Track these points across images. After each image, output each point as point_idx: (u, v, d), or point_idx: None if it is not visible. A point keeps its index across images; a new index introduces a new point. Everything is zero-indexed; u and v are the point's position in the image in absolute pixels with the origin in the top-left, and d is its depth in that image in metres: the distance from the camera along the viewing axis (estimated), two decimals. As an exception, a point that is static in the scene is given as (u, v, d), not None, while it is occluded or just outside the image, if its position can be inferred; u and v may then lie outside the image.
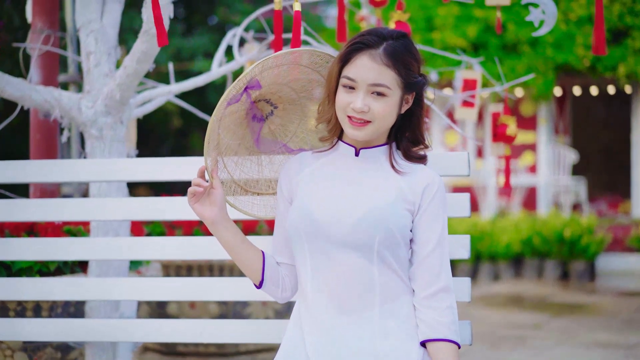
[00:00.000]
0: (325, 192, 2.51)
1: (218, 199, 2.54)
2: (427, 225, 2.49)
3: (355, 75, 2.45)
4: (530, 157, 14.02)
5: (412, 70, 2.49)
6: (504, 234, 11.61)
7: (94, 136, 3.62)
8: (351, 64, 2.46)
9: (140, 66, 3.46)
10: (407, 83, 2.47)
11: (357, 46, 2.46)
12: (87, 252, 3.24)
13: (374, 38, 2.46)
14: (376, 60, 2.43)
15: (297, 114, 2.79)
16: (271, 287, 2.62)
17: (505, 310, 8.75)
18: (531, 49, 12.69)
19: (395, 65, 2.44)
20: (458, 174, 2.91)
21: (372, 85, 2.43)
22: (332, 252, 2.44)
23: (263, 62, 2.47)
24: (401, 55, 2.45)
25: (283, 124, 2.79)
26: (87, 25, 3.72)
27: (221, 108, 2.48)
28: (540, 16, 3.25)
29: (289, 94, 2.72)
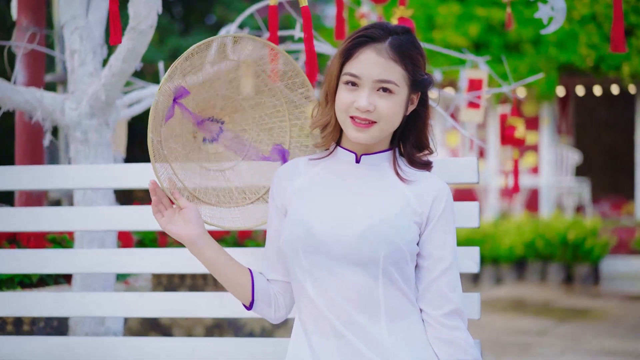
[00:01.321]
0: (324, 202, 2.30)
1: (191, 216, 2.32)
2: (438, 240, 2.29)
3: (359, 71, 2.25)
4: (532, 158, 13.90)
5: (419, 66, 2.29)
6: (506, 237, 11.49)
7: (78, 140, 3.42)
8: (354, 59, 2.26)
9: (127, 65, 3.27)
10: (413, 81, 2.28)
11: (361, 40, 2.26)
12: (71, 265, 3.03)
13: (379, 31, 2.26)
14: (382, 54, 2.24)
15: (247, 120, 2.59)
16: (263, 307, 2.41)
17: (509, 315, 8.59)
18: (534, 49, 12.57)
19: (403, 61, 2.25)
20: (466, 182, 2.71)
21: (378, 81, 2.24)
22: (334, 268, 2.24)
23: (176, 67, 2.28)
24: (408, 50, 2.26)
25: (237, 137, 2.59)
26: (71, 22, 3.53)
27: (157, 125, 2.28)
28: (550, 13, 3.14)
29: (227, 102, 2.53)
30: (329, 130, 2.36)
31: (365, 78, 2.24)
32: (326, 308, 2.25)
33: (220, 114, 2.53)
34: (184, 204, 2.32)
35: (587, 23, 12.44)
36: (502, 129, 3.88)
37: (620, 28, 2.85)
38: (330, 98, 2.33)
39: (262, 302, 2.40)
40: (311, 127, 2.40)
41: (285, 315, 2.46)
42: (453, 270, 2.29)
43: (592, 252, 11.40)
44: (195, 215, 2.32)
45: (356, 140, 2.28)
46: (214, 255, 2.35)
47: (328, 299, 2.25)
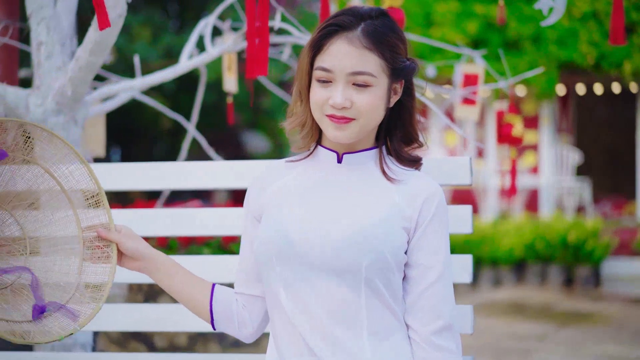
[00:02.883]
0: (302, 207, 2.07)
1: (126, 249, 2.16)
2: (428, 247, 2.06)
3: (331, 65, 2.02)
4: (532, 157, 13.76)
5: (399, 53, 2.05)
6: (506, 238, 11.34)
7: (43, 138, 3.18)
8: (324, 51, 2.03)
9: (94, 58, 3.04)
10: (393, 69, 2.05)
11: (330, 29, 2.03)
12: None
13: (349, 18, 2.02)
14: (354, 43, 2.00)
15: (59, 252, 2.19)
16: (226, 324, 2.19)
17: (508, 319, 8.41)
18: (533, 46, 12.42)
19: (379, 48, 2.01)
20: (459, 183, 2.48)
21: (352, 74, 2.01)
22: (311, 279, 2.01)
23: None
24: (384, 36, 2.02)
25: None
26: (38, 12, 3.29)
27: None
28: (550, 3, 2.96)
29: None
30: (307, 130, 2.13)
31: (337, 72, 2.02)
32: (302, 323, 2.02)
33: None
34: (115, 238, 2.15)
35: (588, 20, 12.31)
36: (499, 127, 3.65)
37: (620, 20, 2.70)
38: (304, 95, 2.10)
39: (223, 319, 2.18)
40: (288, 127, 2.17)
41: (254, 333, 2.23)
42: (445, 280, 2.06)
43: (593, 253, 11.24)
44: (130, 247, 2.16)
45: (336, 140, 2.06)
46: (164, 278, 2.20)
47: (304, 312, 2.02)
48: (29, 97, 3.19)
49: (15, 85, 4.25)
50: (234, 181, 2.70)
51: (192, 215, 2.76)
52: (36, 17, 3.29)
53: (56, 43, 3.25)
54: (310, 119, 2.11)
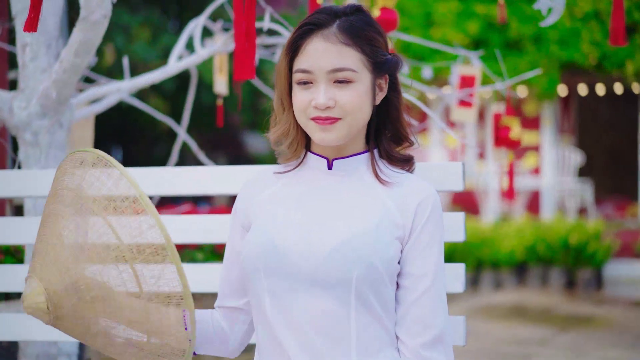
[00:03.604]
0: (290, 215, 1.99)
1: None
2: (420, 254, 1.97)
3: (309, 65, 1.94)
4: (533, 158, 13.66)
5: (378, 46, 1.98)
6: (507, 240, 11.24)
7: (28, 142, 3.12)
8: (302, 52, 1.96)
9: (79, 59, 2.97)
10: (375, 63, 1.97)
11: (306, 29, 1.96)
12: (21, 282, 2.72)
13: (323, 16, 1.95)
14: (331, 40, 1.93)
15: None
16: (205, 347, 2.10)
17: (508, 323, 8.32)
18: (534, 46, 12.34)
19: (357, 42, 1.94)
20: (451, 189, 2.40)
21: (332, 71, 1.94)
22: (299, 292, 1.93)
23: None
24: (361, 30, 1.95)
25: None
26: (23, 12, 3.23)
27: None
28: (548, 3, 2.90)
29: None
30: (291, 138, 2.04)
31: (317, 71, 1.94)
32: (286, 337, 1.93)
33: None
34: None
35: (590, 20, 12.23)
36: (496, 130, 3.57)
37: (620, 20, 2.63)
38: (286, 102, 2.02)
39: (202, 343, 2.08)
40: (272, 138, 2.09)
41: (237, 348, 2.14)
42: (437, 289, 1.97)
43: (595, 256, 11.13)
44: None
45: (324, 143, 1.97)
46: None
47: (290, 326, 1.93)
48: (13, 99, 3.12)
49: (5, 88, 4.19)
50: (219, 187, 2.62)
51: (184, 220, 2.69)
52: (21, 18, 3.22)
53: (41, 44, 3.19)
54: (295, 126, 2.03)
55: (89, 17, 2.86)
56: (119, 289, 1.84)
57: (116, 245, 1.84)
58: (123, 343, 1.89)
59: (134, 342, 1.89)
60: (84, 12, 2.87)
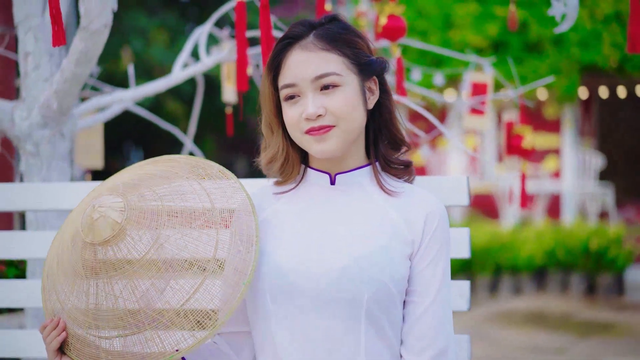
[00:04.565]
0: (295, 235, 1.93)
1: None
2: (425, 269, 1.92)
3: (292, 78, 1.91)
4: (554, 162, 13.54)
5: (359, 48, 1.95)
6: (526, 245, 11.12)
7: (29, 152, 3.07)
8: (283, 68, 1.93)
9: (80, 69, 2.91)
10: (359, 65, 1.94)
11: (284, 43, 1.94)
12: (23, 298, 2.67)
13: (300, 28, 1.95)
14: (310, 48, 1.91)
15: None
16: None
17: (527, 329, 8.22)
18: (555, 49, 12.21)
19: (336, 47, 1.92)
20: (456, 204, 2.33)
21: (316, 79, 1.90)
22: (307, 315, 1.87)
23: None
24: (339, 35, 1.94)
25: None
26: (25, 21, 3.18)
27: None
28: (562, 9, 2.85)
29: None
30: (282, 160, 2.00)
31: (301, 82, 1.90)
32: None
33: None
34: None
35: (611, 22, 12.10)
36: (508, 138, 3.49)
37: (638, 27, 2.53)
38: (274, 123, 1.98)
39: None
40: (264, 163, 2.04)
41: None
42: (441, 305, 1.92)
43: (616, 261, 10.97)
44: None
45: (323, 155, 1.92)
46: None
47: (299, 350, 1.87)
48: (14, 109, 3.07)
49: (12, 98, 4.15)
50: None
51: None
52: (24, 27, 3.18)
53: (43, 53, 3.14)
54: (285, 147, 1.98)
55: (89, 27, 2.81)
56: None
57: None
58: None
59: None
60: (84, 21, 2.81)
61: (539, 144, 12.92)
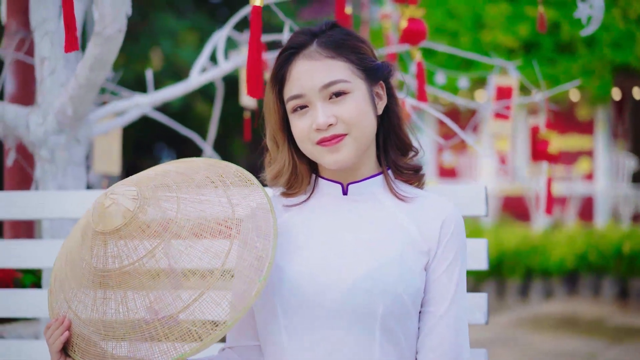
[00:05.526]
0: (306, 247, 1.88)
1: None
2: (440, 276, 1.87)
3: (299, 89, 1.86)
4: (586, 164, 13.39)
5: (364, 53, 1.90)
6: (557, 248, 10.98)
7: (44, 159, 3.04)
8: (288, 79, 1.88)
9: (95, 75, 2.88)
10: (366, 70, 1.89)
11: (287, 54, 1.90)
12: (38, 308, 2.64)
13: (301, 37, 1.90)
14: (315, 57, 1.86)
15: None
16: None
17: (558, 334, 8.10)
18: (587, 49, 12.06)
19: (341, 53, 1.87)
20: (473, 214, 2.26)
21: (324, 87, 1.85)
22: (319, 328, 1.82)
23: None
24: (342, 41, 1.89)
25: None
26: (41, 25, 3.15)
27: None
28: (588, 11, 2.77)
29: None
30: (287, 175, 1.95)
31: (309, 92, 1.85)
32: None
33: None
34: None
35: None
36: (533, 143, 3.41)
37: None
38: (280, 137, 1.93)
39: None
40: (268, 180, 1.99)
41: None
42: (455, 315, 1.86)
43: (649, 264, 10.84)
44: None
45: (336, 165, 1.86)
46: None
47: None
48: (29, 115, 3.05)
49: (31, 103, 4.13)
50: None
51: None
52: (40, 31, 3.15)
53: (59, 58, 3.11)
54: (292, 161, 1.93)
55: (103, 32, 2.77)
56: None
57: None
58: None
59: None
60: (98, 26, 2.78)
61: (571, 145, 12.79)
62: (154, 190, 1.84)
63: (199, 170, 1.93)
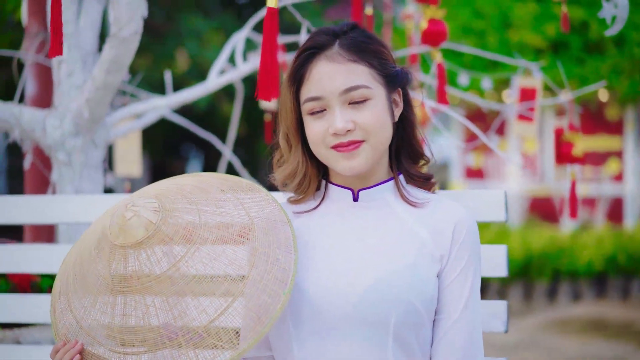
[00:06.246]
0: (316, 256, 1.84)
1: None
2: (453, 282, 1.83)
3: (319, 91, 1.81)
4: (615, 164, 13.25)
5: (386, 58, 1.86)
6: (586, 250, 10.86)
7: (61, 162, 3.02)
8: (307, 80, 1.83)
9: (111, 77, 2.86)
10: (386, 76, 1.85)
11: (308, 54, 1.84)
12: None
13: (323, 37, 1.84)
14: (337, 59, 1.81)
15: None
16: None
17: (585, 338, 8.01)
18: (616, 48, 11.92)
19: (364, 57, 1.82)
20: (492, 220, 2.21)
21: (345, 92, 1.80)
22: (330, 338, 1.78)
23: None
24: (365, 44, 1.84)
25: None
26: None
27: None
28: (612, 11, 2.74)
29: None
30: (300, 177, 1.91)
31: (329, 95, 1.80)
32: None
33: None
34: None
35: (675, 20, 11.78)
36: (558, 146, 3.35)
37: None
38: (293, 138, 1.89)
39: None
40: (279, 182, 1.95)
41: None
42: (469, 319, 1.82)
43: (679, 267, 10.71)
44: None
45: (351, 172, 1.82)
46: None
47: None
48: (46, 118, 3.03)
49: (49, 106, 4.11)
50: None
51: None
52: (57, 33, 3.13)
53: (77, 60, 3.09)
54: (304, 163, 1.89)
55: (119, 34, 2.75)
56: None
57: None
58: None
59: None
60: (114, 28, 2.75)
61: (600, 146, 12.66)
62: (174, 202, 1.81)
63: (212, 184, 1.90)
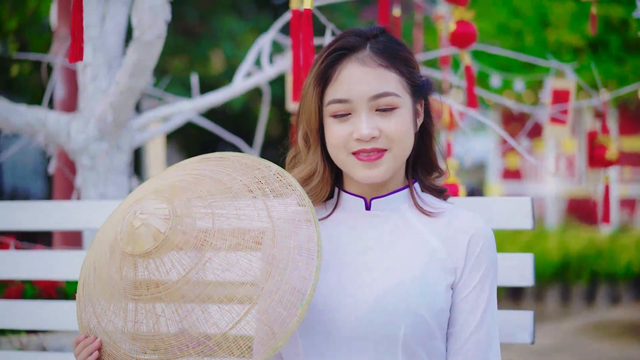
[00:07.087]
0: (325, 266, 1.79)
1: None
2: (468, 295, 1.77)
3: (346, 94, 1.75)
4: (656, 164, 13.05)
5: (414, 67, 1.81)
6: (625, 252, 10.69)
7: (85, 166, 3.00)
8: (335, 80, 1.77)
9: (135, 81, 2.84)
10: (413, 86, 1.80)
11: (338, 54, 1.78)
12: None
13: (354, 38, 1.79)
14: (368, 63, 1.76)
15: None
16: None
17: (623, 342, 7.88)
18: (657, 47, 11.75)
19: (394, 64, 1.77)
20: (518, 227, 2.15)
21: (373, 98, 1.75)
22: (339, 350, 1.73)
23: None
24: (396, 50, 1.79)
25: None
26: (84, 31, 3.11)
27: None
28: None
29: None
30: (317, 180, 1.85)
31: (356, 99, 1.75)
32: None
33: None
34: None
35: None
36: (590, 149, 3.27)
37: None
38: (314, 139, 1.83)
39: None
40: None
41: None
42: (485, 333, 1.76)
43: None
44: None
45: (370, 180, 1.77)
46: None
47: None
48: (71, 122, 3.01)
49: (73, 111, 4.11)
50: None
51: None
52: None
53: (102, 64, 3.08)
54: (322, 167, 1.83)
55: (142, 38, 2.72)
56: None
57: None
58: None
59: None
60: (137, 32, 2.73)
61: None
62: (187, 205, 1.74)
63: (235, 176, 1.83)
